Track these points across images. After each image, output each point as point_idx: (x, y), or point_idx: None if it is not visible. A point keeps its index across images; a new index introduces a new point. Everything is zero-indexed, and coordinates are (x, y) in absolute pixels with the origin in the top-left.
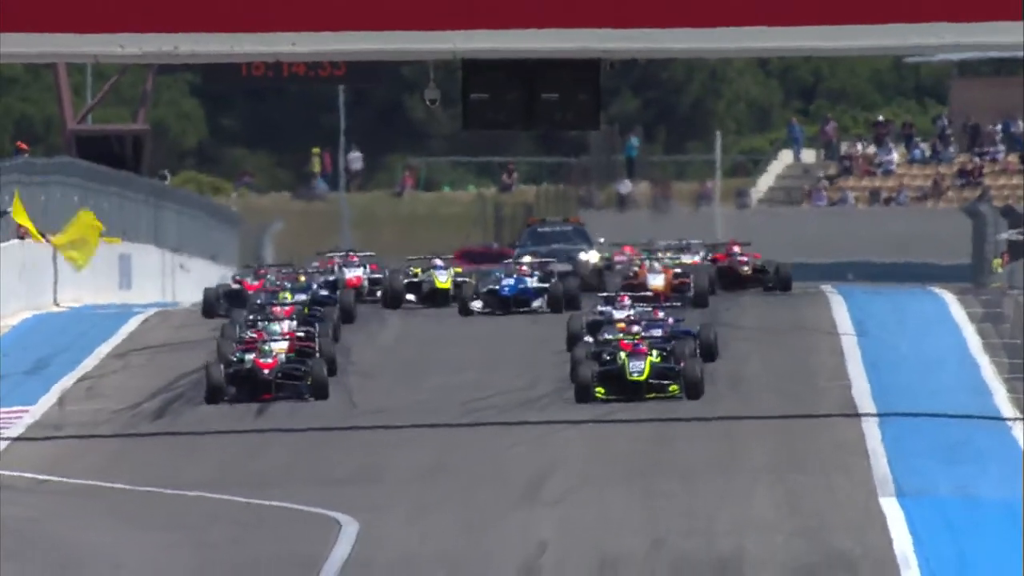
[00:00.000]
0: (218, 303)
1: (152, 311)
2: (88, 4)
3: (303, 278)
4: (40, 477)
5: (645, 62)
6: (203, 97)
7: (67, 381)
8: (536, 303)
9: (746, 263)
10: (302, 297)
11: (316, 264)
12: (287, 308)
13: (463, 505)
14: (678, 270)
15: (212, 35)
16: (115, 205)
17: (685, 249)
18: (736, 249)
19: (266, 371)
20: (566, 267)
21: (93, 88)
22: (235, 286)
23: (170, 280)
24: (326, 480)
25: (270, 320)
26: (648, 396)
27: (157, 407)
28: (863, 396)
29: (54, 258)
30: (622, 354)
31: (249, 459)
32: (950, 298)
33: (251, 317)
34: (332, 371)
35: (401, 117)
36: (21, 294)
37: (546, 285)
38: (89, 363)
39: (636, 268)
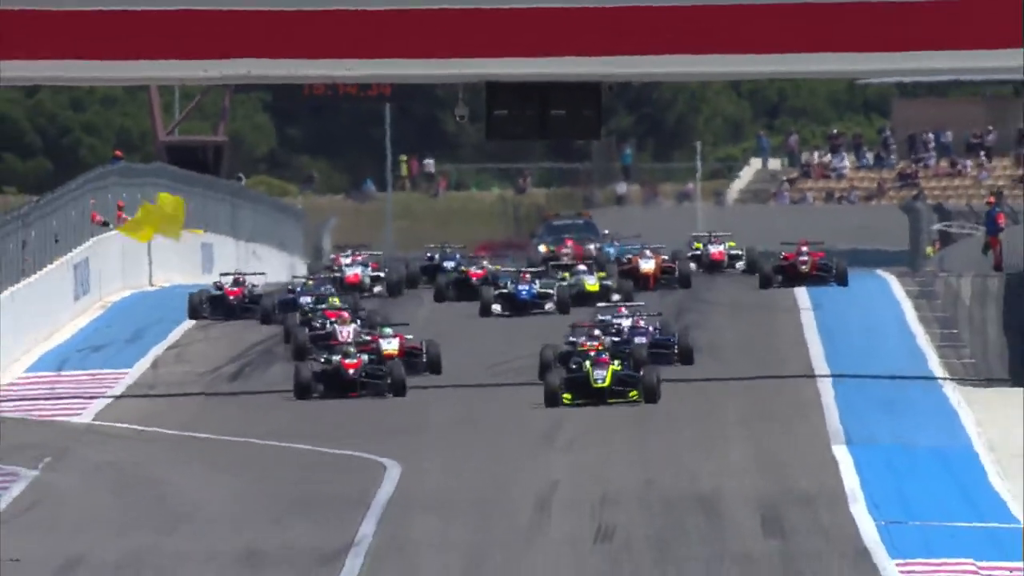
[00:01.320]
0: (201, 307)
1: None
2: (175, 36)
3: (311, 281)
4: (138, 428)
5: (638, 84)
6: (272, 112)
7: (159, 348)
8: (548, 306)
9: (805, 262)
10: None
11: (332, 257)
12: (344, 311)
13: (488, 451)
14: (665, 257)
15: (279, 61)
16: (199, 203)
17: (712, 241)
18: (804, 248)
19: (351, 371)
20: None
21: (180, 105)
22: (216, 292)
23: (244, 265)
24: (374, 432)
25: (331, 322)
26: (610, 401)
27: (234, 371)
28: (819, 360)
29: (149, 247)
30: (587, 363)
31: (310, 415)
32: (891, 279)
33: (314, 321)
34: (437, 370)
35: (436, 130)
36: (122, 276)
37: (551, 291)
38: (177, 333)
39: (630, 256)
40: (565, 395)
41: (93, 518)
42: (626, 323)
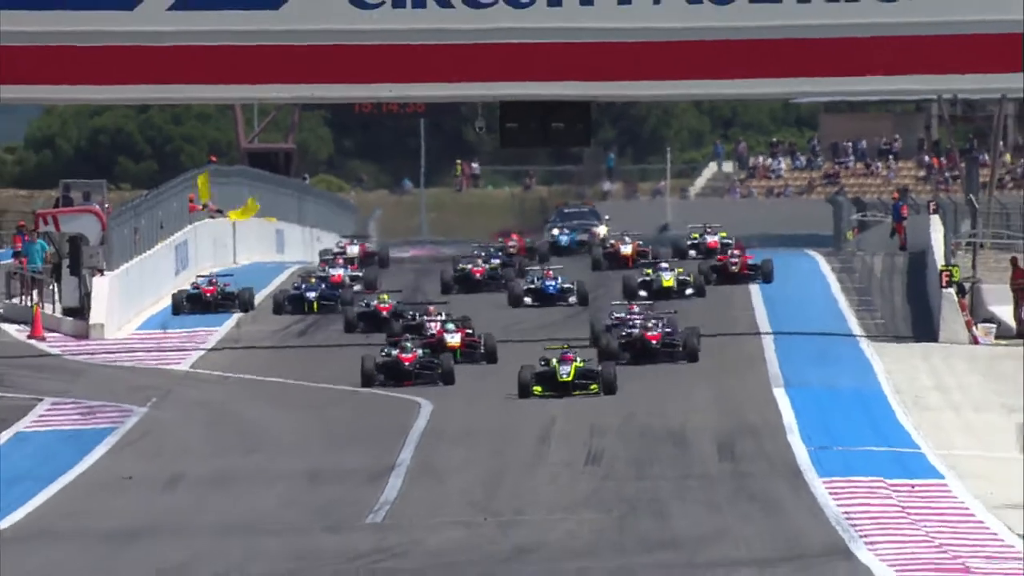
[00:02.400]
0: (183, 304)
1: (296, 267)
2: (261, 66)
3: (313, 280)
4: (224, 374)
5: (620, 103)
6: (331, 126)
7: (241, 312)
8: (571, 299)
9: (736, 263)
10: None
11: (341, 244)
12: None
13: (501, 395)
14: (640, 242)
15: (336, 85)
16: (272, 197)
17: (708, 231)
18: (736, 252)
19: (407, 364)
20: (585, 236)
21: (258, 120)
22: (193, 291)
23: (309, 247)
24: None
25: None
26: (574, 392)
27: (300, 329)
28: (763, 321)
29: (234, 230)
30: (554, 360)
31: (358, 366)
32: (819, 258)
33: (405, 314)
34: (493, 360)
35: (460, 139)
36: (212, 255)
37: (573, 285)
38: (255, 300)
39: (613, 241)
40: (536, 387)
41: (189, 445)
42: (637, 320)
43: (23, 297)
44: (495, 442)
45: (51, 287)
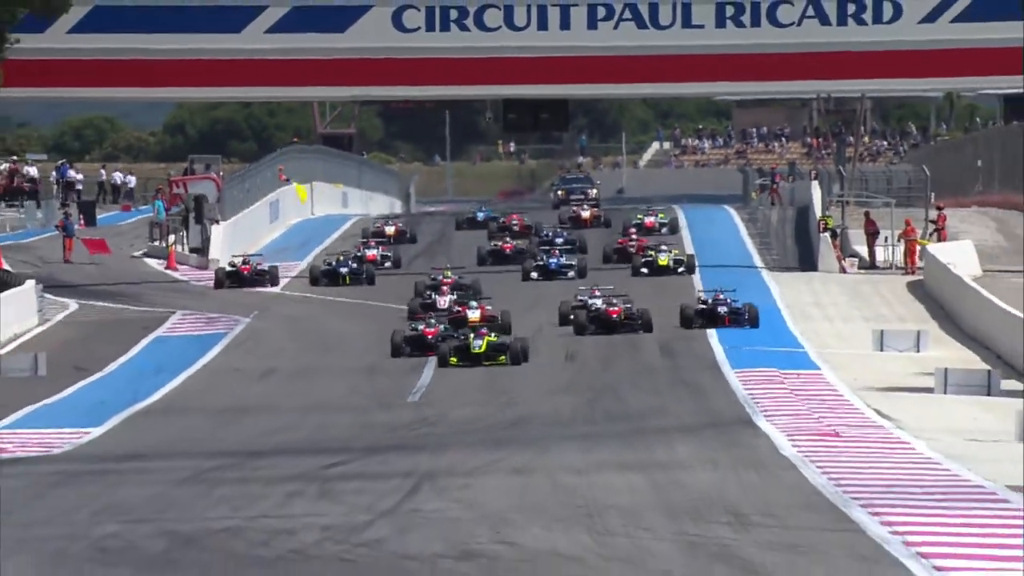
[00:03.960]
0: (223, 280)
1: (356, 218)
2: (327, 72)
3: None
4: (307, 295)
5: (590, 100)
6: (381, 116)
7: (318, 249)
8: (570, 274)
9: (665, 257)
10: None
11: (374, 227)
12: (450, 280)
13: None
14: (595, 210)
15: (384, 87)
16: (339, 169)
17: (649, 213)
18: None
19: (430, 337)
20: (580, 197)
21: (329, 111)
22: (232, 268)
23: (364, 204)
24: None
25: (438, 292)
26: (485, 363)
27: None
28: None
29: (311, 192)
30: (471, 335)
31: (406, 295)
32: (732, 212)
33: (427, 288)
34: (508, 332)
35: (474, 127)
36: (296, 210)
37: (574, 262)
38: (327, 242)
39: (575, 208)
40: (452, 358)
41: (281, 347)
42: (599, 302)
43: (161, 240)
44: None
45: (181, 233)
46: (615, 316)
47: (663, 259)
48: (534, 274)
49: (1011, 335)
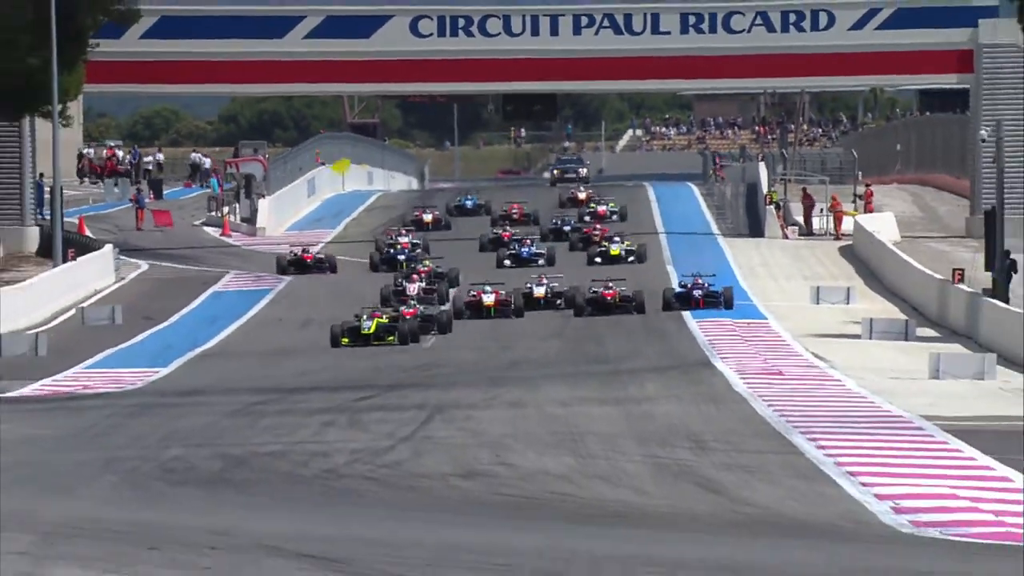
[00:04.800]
0: (287, 268)
1: (379, 194)
2: (355, 71)
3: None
4: (340, 257)
5: (575, 94)
6: (400, 108)
7: (348, 220)
8: (540, 261)
9: (617, 247)
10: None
11: (412, 215)
12: (427, 268)
13: (497, 280)
14: (590, 192)
15: (402, 84)
16: (365, 152)
17: (601, 202)
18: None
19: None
20: (573, 176)
21: (357, 104)
22: (293, 258)
23: (386, 182)
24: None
25: (409, 280)
26: (374, 343)
27: (383, 232)
28: (660, 225)
29: (343, 175)
30: (364, 316)
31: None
32: (694, 187)
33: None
34: (520, 314)
35: (478, 116)
36: (330, 186)
37: (544, 251)
38: (356, 214)
39: (572, 190)
40: (344, 339)
41: (316, 300)
42: (539, 290)
43: (217, 211)
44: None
45: (234, 205)
46: (610, 298)
47: (615, 249)
48: (507, 261)
49: (925, 291)
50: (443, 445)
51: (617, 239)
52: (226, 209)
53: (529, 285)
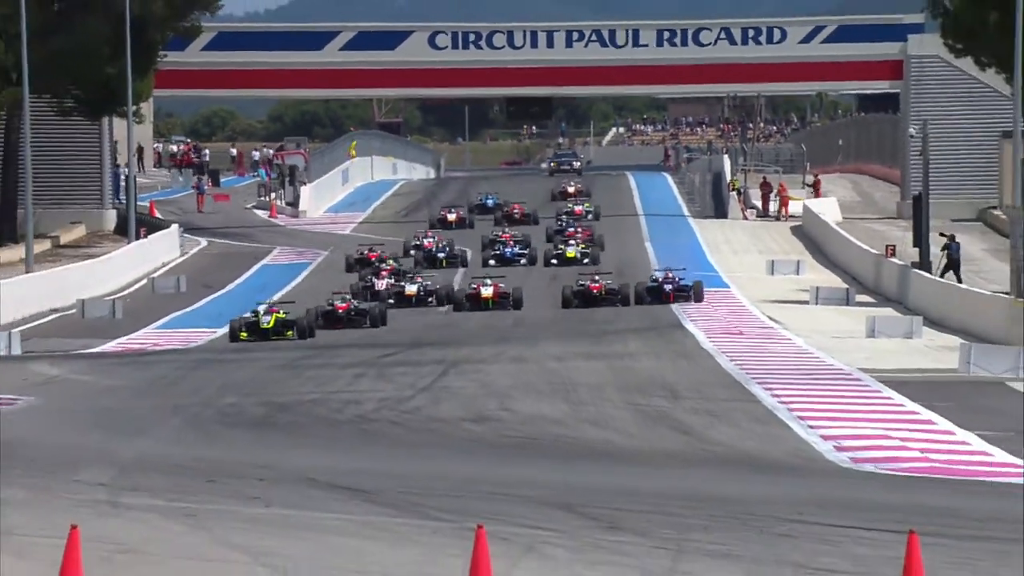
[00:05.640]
0: (354, 265)
1: (403, 182)
2: (382, 78)
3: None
4: (369, 235)
5: (568, 97)
6: (421, 109)
7: (376, 204)
8: (523, 261)
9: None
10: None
11: (439, 215)
12: (391, 267)
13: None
14: (579, 185)
15: (421, 89)
16: (391, 146)
17: (579, 203)
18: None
19: (340, 312)
20: (568, 168)
21: (383, 105)
22: (362, 265)
23: (409, 172)
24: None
25: (378, 276)
26: (273, 337)
27: (405, 214)
28: (639, 207)
29: (372, 163)
30: (261, 310)
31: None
32: (668, 176)
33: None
34: (519, 307)
35: (486, 116)
36: (361, 176)
37: (526, 251)
38: (383, 199)
39: (563, 185)
40: (242, 333)
41: (341, 267)
42: (488, 290)
43: (266, 196)
44: (512, 276)
45: (280, 191)
46: (596, 291)
47: (570, 252)
48: (492, 261)
49: (863, 263)
50: (457, 394)
51: (572, 242)
52: (273, 195)
53: (474, 285)
